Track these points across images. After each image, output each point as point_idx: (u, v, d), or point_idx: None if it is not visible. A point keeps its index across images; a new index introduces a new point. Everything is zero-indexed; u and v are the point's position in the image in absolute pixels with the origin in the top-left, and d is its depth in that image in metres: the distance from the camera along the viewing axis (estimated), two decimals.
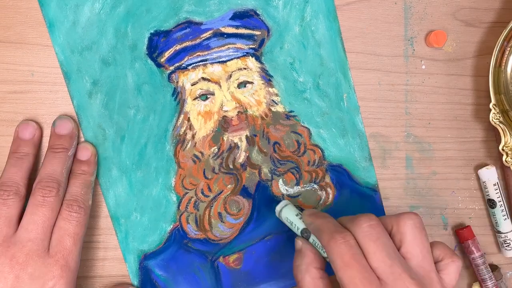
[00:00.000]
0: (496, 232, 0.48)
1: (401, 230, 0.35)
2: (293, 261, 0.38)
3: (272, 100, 0.44)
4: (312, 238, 0.38)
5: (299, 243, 0.38)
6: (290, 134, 0.44)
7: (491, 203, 0.47)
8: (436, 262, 0.36)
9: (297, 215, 0.39)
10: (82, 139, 0.41)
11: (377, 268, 0.33)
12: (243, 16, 0.43)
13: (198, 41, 0.42)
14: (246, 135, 0.43)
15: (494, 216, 0.47)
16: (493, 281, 0.46)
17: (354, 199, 0.45)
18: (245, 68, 0.43)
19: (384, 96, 0.46)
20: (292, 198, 0.44)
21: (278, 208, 0.40)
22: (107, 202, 0.42)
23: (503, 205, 0.46)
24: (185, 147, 0.43)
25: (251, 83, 0.43)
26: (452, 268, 0.36)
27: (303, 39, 0.43)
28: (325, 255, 0.37)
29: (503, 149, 0.44)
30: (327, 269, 0.37)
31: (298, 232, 0.39)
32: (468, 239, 0.46)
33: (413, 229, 0.35)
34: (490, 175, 0.46)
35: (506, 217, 0.47)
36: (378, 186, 0.46)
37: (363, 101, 0.45)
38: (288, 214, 0.40)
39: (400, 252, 0.35)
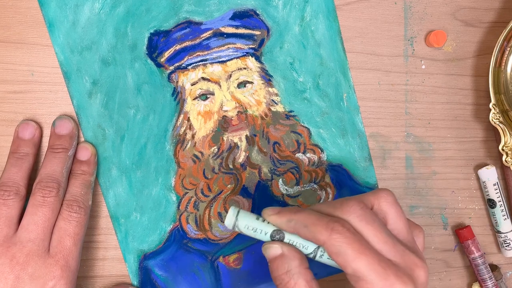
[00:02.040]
0: (496, 232, 0.48)
1: (383, 208, 0.35)
2: (273, 271, 0.34)
3: (272, 100, 0.44)
4: (288, 238, 0.34)
5: (276, 247, 0.34)
6: (290, 134, 0.44)
7: (491, 203, 0.47)
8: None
9: (257, 218, 0.34)
10: (82, 139, 0.41)
11: (382, 249, 0.32)
12: (243, 16, 0.42)
13: (198, 41, 0.42)
14: (246, 135, 0.43)
15: (494, 216, 0.47)
16: (493, 281, 0.46)
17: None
18: (245, 68, 0.43)
19: (384, 96, 0.46)
20: (292, 198, 0.44)
21: (230, 219, 0.34)
22: (107, 202, 0.42)
23: (503, 205, 0.46)
24: (185, 147, 0.43)
25: (251, 83, 0.43)
26: (421, 238, 0.37)
27: (303, 39, 0.43)
28: (307, 252, 0.34)
29: (503, 149, 0.44)
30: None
31: (267, 237, 0.34)
32: (468, 239, 0.46)
33: (394, 206, 0.35)
34: (490, 175, 0.46)
35: (506, 217, 0.47)
36: (378, 186, 0.46)
37: (363, 101, 0.45)
38: (247, 221, 0.34)
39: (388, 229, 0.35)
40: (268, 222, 0.34)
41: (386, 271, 0.31)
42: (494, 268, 0.48)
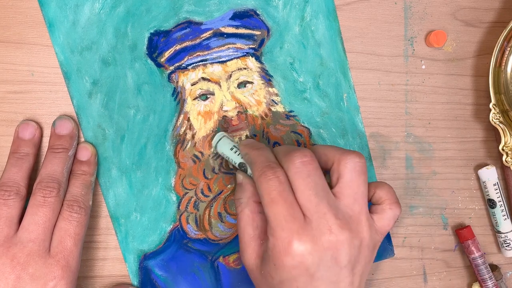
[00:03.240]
0: (496, 232, 0.48)
1: (339, 170, 0.35)
2: (234, 195, 0.38)
3: (272, 100, 0.44)
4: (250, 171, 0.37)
5: (239, 176, 0.39)
6: (290, 134, 0.44)
7: (491, 203, 0.47)
8: (375, 204, 0.37)
9: (232, 148, 0.39)
10: (82, 139, 0.41)
11: (303, 205, 0.34)
12: (243, 16, 0.42)
13: (198, 41, 0.42)
14: (246, 135, 0.43)
15: (494, 216, 0.47)
16: (493, 281, 0.47)
17: None
18: (245, 68, 0.43)
19: (384, 96, 0.46)
20: None
21: (214, 142, 0.40)
22: (107, 202, 0.42)
23: (503, 205, 0.47)
24: (185, 147, 0.43)
25: (251, 83, 0.43)
26: (387, 215, 0.37)
27: (303, 39, 0.43)
28: None
29: (503, 149, 0.44)
30: None
31: (237, 166, 0.39)
32: (468, 239, 0.46)
33: (352, 172, 0.35)
34: (490, 175, 0.46)
35: (506, 217, 0.47)
36: None
37: (363, 101, 0.45)
38: (223, 148, 0.39)
39: (333, 190, 0.35)
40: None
41: (289, 225, 0.33)
42: (494, 268, 0.48)
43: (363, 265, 0.35)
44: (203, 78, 0.42)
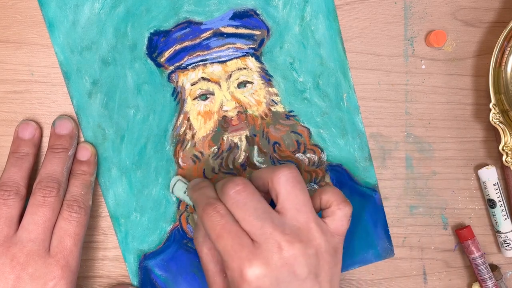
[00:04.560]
0: (496, 232, 0.48)
1: (275, 187, 0.36)
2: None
3: (272, 100, 0.44)
4: None
5: (195, 217, 0.40)
6: (290, 134, 0.44)
7: (491, 203, 0.47)
8: (325, 208, 0.37)
9: (185, 192, 0.40)
10: (82, 139, 0.41)
11: (249, 231, 0.34)
12: (243, 16, 0.42)
13: (198, 41, 0.42)
14: (246, 135, 0.43)
15: (494, 216, 0.47)
16: (493, 281, 0.46)
17: (354, 199, 0.45)
18: (245, 68, 0.43)
19: (384, 96, 0.46)
20: None
21: (170, 187, 0.42)
22: (106, 202, 0.42)
23: (503, 205, 0.47)
24: (185, 147, 0.43)
25: (251, 83, 0.43)
26: (338, 215, 0.37)
27: (303, 39, 0.43)
28: None
29: (503, 149, 0.44)
30: None
31: (192, 207, 0.39)
32: (468, 239, 0.46)
33: (286, 185, 0.35)
34: (490, 175, 0.46)
35: (506, 217, 0.47)
36: (378, 186, 0.46)
37: (363, 101, 0.45)
38: (178, 193, 0.41)
39: (276, 209, 0.36)
40: None
41: (238, 254, 0.33)
42: (494, 268, 0.48)
43: (327, 270, 0.35)
44: (203, 78, 0.42)
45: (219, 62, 0.42)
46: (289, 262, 0.33)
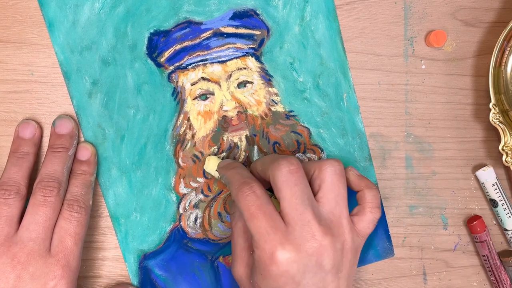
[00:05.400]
0: (503, 230, 0.48)
1: (321, 176, 0.36)
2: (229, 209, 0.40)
3: (272, 100, 0.44)
4: None
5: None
6: (290, 134, 0.44)
7: (493, 203, 0.47)
8: (359, 204, 0.38)
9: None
10: (82, 139, 0.41)
11: (288, 213, 0.34)
12: (243, 16, 0.43)
13: (198, 41, 0.42)
14: (246, 135, 0.43)
15: (498, 215, 0.47)
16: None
17: (354, 199, 0.45)
18: (245, 68, 0.43)
19: (384, 96, 0.46)
20: None
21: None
22: (107, 202, 0.42)
23: (505, 203, 0.47)
24: (185, 147, 0.43)
25: (251, 83, 0.43)
26: (368, 218, 0.38)
27: (303, 39, 0.43)
28: None
29: (503, 149, 0.44)
30: None
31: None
32: (480, 231, 0.46)
33: (332, 176, 0.36)
34: (487, 176, 0.46)
35: (510, 214, 0.47)
36: (378, 186, 0.46)
37: (363, 101, 0.45)
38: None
39: (317, 197, 0.36)
40: None
41: (271, 236, 0.33)
42: (508, 254, 0.48)
43: (347, 268, 0.36)
44: (203, 78, 0.42)
45: (219, 62, 0.42)
46: (319, 252, 0.34)
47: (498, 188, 0.46)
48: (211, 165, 0.41)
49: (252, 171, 0.40)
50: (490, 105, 0.44)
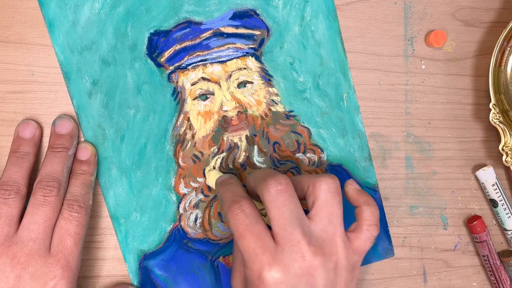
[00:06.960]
0: (504, 230, 0.48)
1: (315, 193, 0.36)
2: None
3: (272, 100, 0.44)
4: None
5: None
6: (290, 134, 0.44)
7: (493, 203, 0.47)
8: (356, 221, 0.38)
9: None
10: (82, 139, 0.41)
11: (278, 233, 0.34)
12: (243, 16, 0.43)
13: (198, 41, 0.42)
14: (246, 135, 0.43)
15: (498, 215, 0.47)
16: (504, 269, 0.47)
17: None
18: (245, 68, 0.43)
19: (384, 96, 0.46)
20: None
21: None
22: (107, 202, 0.42)
23: (505, 203, 0.47)
24: (185, 147, 0.43)
25: (251, 83, 0.43)
26: (364, 235, 0.37)
27: (303, 39, 0.43)
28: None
29: (503, 149, 0.44)
30: None
31: None
32: (480, 231, 0.46)
33: (326, 193, 0.35)
34: (487, 176, 0.46)
35: (510, 214, 0.47)
36: (378, 186, 0.46)
37: (363, 101, 0.45)
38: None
39: (309, 215, 0.36)
40: None
41: (259, 256, 0.33)
42: (508, 254, 0.48)
43: (342, 286, 0.35)
44: (203, 78, 0.42)
45: (219, 62, 0.42)
46: (308, 272, 0.33)
47: (498, 188, 0.46)
48: (211, 179, 0.42)
49: (247, 185, 0.40)
50: (490, 105, 0.44)
